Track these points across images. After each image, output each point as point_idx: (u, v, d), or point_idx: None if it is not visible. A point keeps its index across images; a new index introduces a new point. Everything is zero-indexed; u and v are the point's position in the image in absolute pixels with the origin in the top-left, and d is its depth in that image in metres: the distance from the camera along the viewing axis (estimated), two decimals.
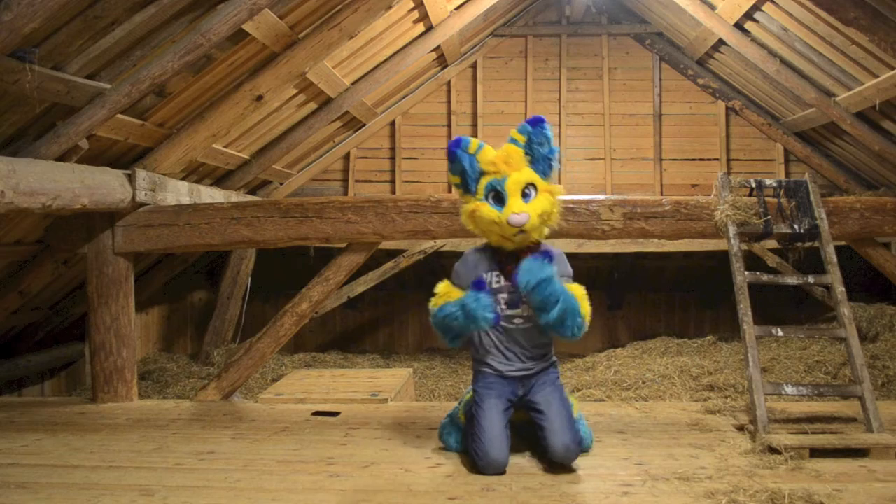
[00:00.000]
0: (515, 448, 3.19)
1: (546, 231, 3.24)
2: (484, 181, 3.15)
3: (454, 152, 3.18)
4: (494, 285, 3.21)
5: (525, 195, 3.11)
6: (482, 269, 3.24)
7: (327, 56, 5.07)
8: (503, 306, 3.19)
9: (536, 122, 3.17)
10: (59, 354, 6.40)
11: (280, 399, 4.52)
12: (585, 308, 3.09)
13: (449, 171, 3.30)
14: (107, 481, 3.01)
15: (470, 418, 3.23)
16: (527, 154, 3.16)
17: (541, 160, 3.17)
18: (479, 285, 3.09)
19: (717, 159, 8.02)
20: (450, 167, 3.24)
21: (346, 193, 8.12)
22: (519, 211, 3.07)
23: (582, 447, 3.20)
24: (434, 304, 3.20)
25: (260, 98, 4.81)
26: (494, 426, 3.08)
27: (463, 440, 3.30)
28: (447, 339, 3.21)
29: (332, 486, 2.93)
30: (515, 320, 3.20)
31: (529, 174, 3.14)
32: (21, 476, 3.08)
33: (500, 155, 3.15)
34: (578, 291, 3.12)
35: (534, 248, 3.20)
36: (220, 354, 7.33)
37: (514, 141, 3.18)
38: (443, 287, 3.25)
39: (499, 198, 3.12)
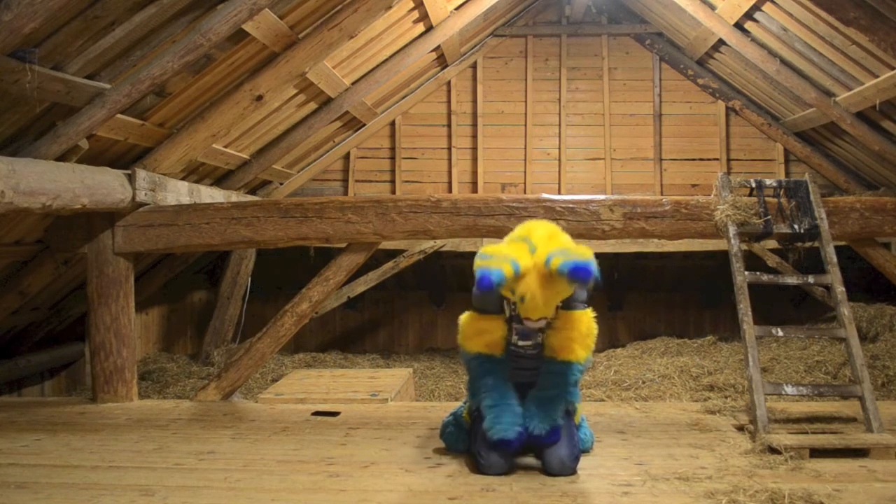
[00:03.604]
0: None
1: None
2: (507, 289, 2.93)
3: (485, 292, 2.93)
4: (511, 313, 3.15)
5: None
6: (498, 295, 3.11)
7: (327, 56, 5.07)
8: (515, 336, 3.16)
9: (580, 278, 2.80)
10: (58, 354, 6.40)
11: (280, 399, 4.52)
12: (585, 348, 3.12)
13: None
14: (107, 481, 3.01)
15: (475, 419, 3.22)
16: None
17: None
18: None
19: (717, 159, 8.01)
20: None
21: (346, 193, 8.12)
22: (536, 318, 2.99)
23: (581, 459, 3.12)
24: (465, 345, 3.16)
25: (260, 98, 4.81)
26: None
27: (465, 440, 3.30)
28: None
29: (332, 486, 2.93)
30: (525, 348, 3.19)
31: (559, 289, 2.93)
32: (21, 476, 3.08)
33: (529, 297, 2.90)
34: (584, 321, 3.13)
35: None
36: (220, 354, 7.33)
37: (547, 264, 2.86)
38: (468, 325, 3.18)
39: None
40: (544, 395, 3.07)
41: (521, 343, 3.17)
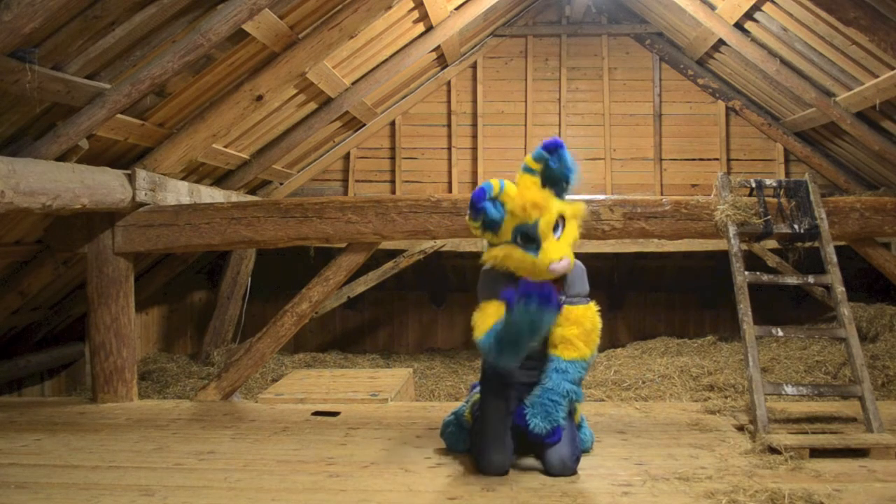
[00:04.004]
0: (517, 448, 3.15)
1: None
2: (510, 224, 3.00)
3: (482, 207, 2.98)
4: None
5: (555, 229, 3.01)
6: (503, 288, 3.10)
7: (327, 56, 5.07)
8: None
9: (554, 149, 2.99)
10: (58, 354, 6.40)
11: (280, 399, 4.52)
12: (582, 347, 3.07)
13: (469, 220, 3.07)
14: (107, 481, 3.01)
15: (475, 419, 3.22)
16: (544, 180, 3.02)
17: (559, 181, 3.06)
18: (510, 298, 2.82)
19: (717, 159, 8.01)
20: (471, 215, 3.05)
21: (346, 193, 8.12)
22: (559, 257, 2.95)
23: (581, 459, 3.11)
24: (479, 332, 3.03)
25: (260, 98, 4.81)
26: (498, 428, 3.07)
27: (466, 440, 3.29)
28: (508, 356, 2.93)
29: (332, 486, 2.93)
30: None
31: (558, 208, 3.01)
32: (21, 476, 3.08)
33: (528, 200, 2.97)
34: (588, 315, 3.11)
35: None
36: (220, 354, 7.33)
37: (528, 170, 3.02)
38: (479, 315, 3.09)
39: (528, 237, 3.00)
40: (548, 395, 3.05)
41: None
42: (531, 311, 2.69)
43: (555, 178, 3.04)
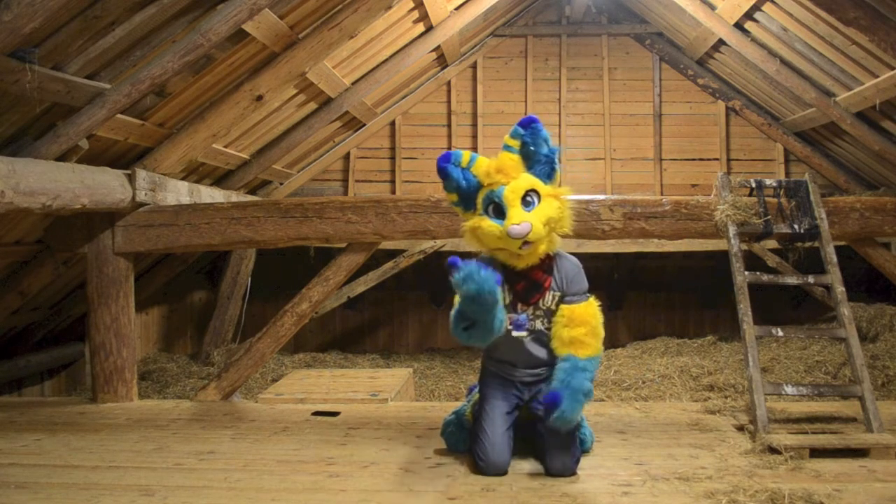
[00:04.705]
0: (517, 448, 3.18)
1: (558, 241, 3.13)
2: (481, 194, 3.02)
3: (444, 168, 3.02)
4: (505, 302, 3.09)
5: (527, 203, 2.96)
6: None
7: (327, 56, 5.07)
8: (510, 326, 3.09)
9: (528, 124, 3.01)
10: (58, 354, 6.40)
11: (280, 399, 4.52)
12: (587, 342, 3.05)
13: (444, 190, 3.11)
14: (107, 481, 3.01)
15: (475, 419, 3.21)
16: (524, 159, 3.02)
17: (540, 163, 3.02)
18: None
19: (717, 159, 8.02)
20: (444, 185, 3.08)
21: (346, 193, 8.12)
22: (519, 221, 2.90)
23: (581, 459, 3.10)
24: (452, 311, 3.04)
25: (260, 98, 4.81)
26: (497, 428, 3.07)
27: (466, 440, 3.29)
28: (470, 336, 3.04)
29: (332, 486, 2.93)
30: (521, 339, 3.15)
31: (529, 180, 2.97)
32: (21, 476, 3.08)
33: (492, 164, 3.00)
34: (591, 312, 3.09)
35: (545, 263, 3.10)
36: (220, 354, 7.33)
37: (508, 147, 3.03)
38: (456, 297, 3.09)
39: (499, 210, 2.98)
40: (575, 390, 2.91)
41: (515, 334, 3.12)
42: (465, 272, 2.73)
43: (531, 155, 3.02)
